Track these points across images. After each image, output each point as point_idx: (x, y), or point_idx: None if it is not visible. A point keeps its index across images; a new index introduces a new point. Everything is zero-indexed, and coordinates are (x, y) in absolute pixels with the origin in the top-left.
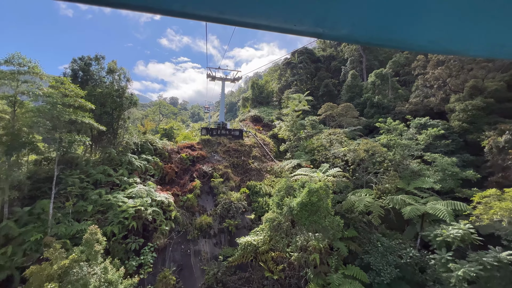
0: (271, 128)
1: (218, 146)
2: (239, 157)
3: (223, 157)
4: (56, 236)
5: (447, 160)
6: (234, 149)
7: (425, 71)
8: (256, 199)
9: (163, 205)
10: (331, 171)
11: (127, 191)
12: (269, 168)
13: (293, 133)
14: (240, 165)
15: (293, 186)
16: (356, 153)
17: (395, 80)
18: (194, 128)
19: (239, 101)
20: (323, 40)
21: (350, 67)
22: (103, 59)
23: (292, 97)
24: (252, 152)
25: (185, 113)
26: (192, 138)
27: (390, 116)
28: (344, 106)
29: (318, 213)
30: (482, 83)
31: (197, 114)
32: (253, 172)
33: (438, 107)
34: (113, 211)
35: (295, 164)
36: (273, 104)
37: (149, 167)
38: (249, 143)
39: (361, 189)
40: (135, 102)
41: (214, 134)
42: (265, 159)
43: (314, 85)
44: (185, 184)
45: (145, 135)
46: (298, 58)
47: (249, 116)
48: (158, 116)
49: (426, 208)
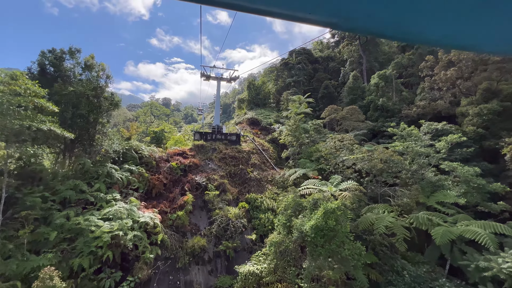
0: (269, 132)
1: (213, 152)
2: (236, 165)
3: (219, 165)
4: (3, 277)
5: (470, 170)
6: (230, 156)
7: (433, 72)
8: (257, 215)
9: (147, 227)
10: (344, 184)
11: (103, 211)
12: (270, 178)
13: (296, 138)
14: (238, 174)
15: (302, 203)
16: (372, 163)
17: (400, 82)
18: (187, 132)
19: (233, 103)
20: (320, 41)
21: (350, 69)
22: (78, 53)
23: (292, 99)
24: (251, 159)
25: (178, 115)
26: (184, 143)
27: (395, 120)
28: (349, 109)
29: (335, 238)
30: (496, 86)
31: (191, 115)
32: (252, 183)
33: (447, 111)
34: (83, 238)
35: (301, 174)
36: (271, 106)
37: (133, 179)
38: (247, 149)
39: (377, 205)
40: (116, 104)
41: (209, 139)
42: (265, 167)
43: (312, 87)
44: (175, 198)
45: (129, 141)
46: (296, 58)
47: (245, 119)
48: (149, 117)
49: (461, 231)
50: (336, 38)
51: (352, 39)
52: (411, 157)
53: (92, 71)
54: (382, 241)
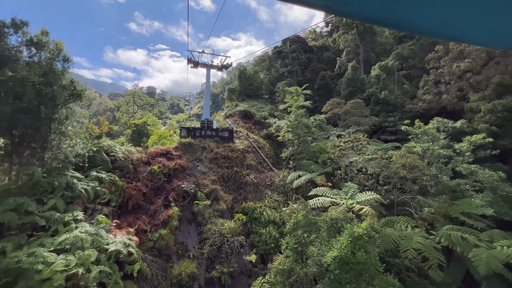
0: (264, 127)
1: (203, 152)
2: (230, 167)
3: (210, 167)
4: None
5: (493, 175)
6: (223, 156)
7: (440, 64)
8: (256, 229)
9: (119, 255)
10: (362, 195)
11: (58, 238)
12: (268, 181)
13: (297, 136)
14: (232, 178)
15: (316, 222)
16: (393, 169)
17: (402, 74)
18: (172, 126)
19: (222, 93)
20: (313, 29)
21: (346, 59)
22: (26, 26)
23: (289, 91)
24: (246, 159)
25: (163, 104)
26: (169, 139)
27: (397, 115)
28: (353, 103)
29: (363, 273)
30: (509, 80)
31: (177, 105)
32: (249, 188)
33: (453, 106)
34: (26, 281)
35: (307, 179)
36: (264, 97)
37: (102, 190)
38: (241, 147)
39: (397, 217)
40: (79, 94)
41: (197, 136)
42: (262, 167)
43: (307, 78)
44: (157, 212)
45: (99, 141)
46: (290, 46)
47: (237, 112)
48: (132, 107)
49: (507, 256)
50: (329, 27)
51: (348, 28)
52: (429, 160)
53: (44, 51)
54: (409, 265)
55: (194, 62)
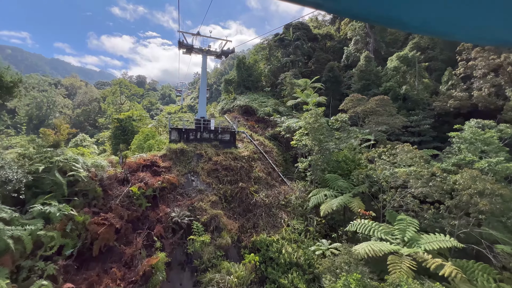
0: (268, 125)
1: (199, 161)
2: (234, 181)
3: (208, 182)
4: None
5: None
6: (225, 166)
7: (471, 56)
8: (273, 275)
9: None
10: (431, 238)
11: None
12: (282, 200)
13: (318, 141)
14: (237, 197)
15: None
16: (463, 197)
17: (423, 66)
18: (161, 121)
19: (216, 84)
20: (315, 17)
21: (354, 49)
22: None
23: (297, 83)
24: (253, 169)
25: (154, 95)
26: (157, 139)
27: (420, 113)
28: (379, 100)
29: None
30: None
31: (168, 95)
32: (259, 211)
33: (485, 104)
34: None
35: (340, 205)
36: (265, 90)
37: (48, 234)
38: (246, 154)
39: (471, 264)
40: (8, 88)
41: (191, 139)
42: (273, 180)
43: (310, 69)
44: (135, 258)
45: (53, 152)
46: (293, 34)
47: (237, 107)
48: (119, 97)
49: None
50: (332, 14)
51: None
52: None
53: None
54: None
55: (187, 46)
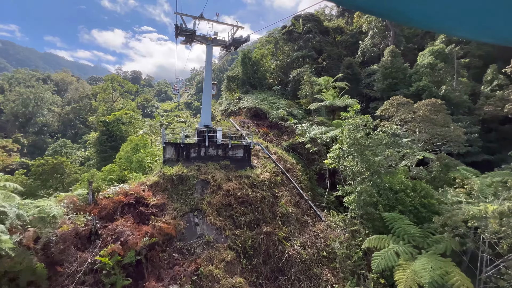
0: (282, 131)
1: (204, 191)
2: (254, 222)
3: (219, 226)
4: None
5: None
6: (240, 199)
7: None
8: None
9: None
10: None
11: None
12: (322, 248)
13: (366, 163)
14: (261, 249)
15: None
16: None
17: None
18: (155, 127)
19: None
20: (322, 10)
21: (371, 43)
22: None
23: (317, 82)
24: (278, 201)
25: (149, 91)
26: (149, 151)
27: (463, 119)
28: (430, 105)
29: None
30: None
31: (165, 92)
32: (294, 271)
33: None
34: None
35: (432, 278)
36: (273, 89)
37: None
38: (266, 177)
39: None
40: None
41: (193, 158)
42: (303, 214)
43: (321, 65)
44: None
45: None
46: (304, 26)
47: (244, 109)
48: (111, 94)
49: None
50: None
51: None
52: None
53: None
54: None
55: (188, 32)
